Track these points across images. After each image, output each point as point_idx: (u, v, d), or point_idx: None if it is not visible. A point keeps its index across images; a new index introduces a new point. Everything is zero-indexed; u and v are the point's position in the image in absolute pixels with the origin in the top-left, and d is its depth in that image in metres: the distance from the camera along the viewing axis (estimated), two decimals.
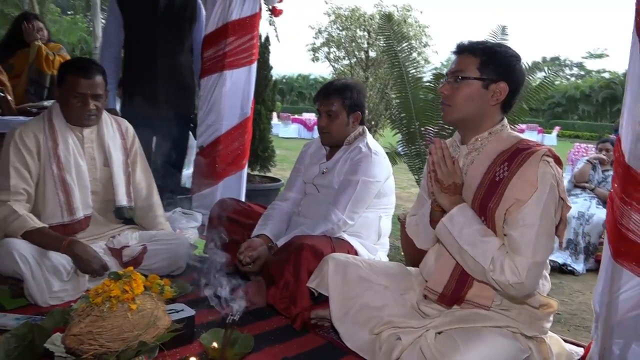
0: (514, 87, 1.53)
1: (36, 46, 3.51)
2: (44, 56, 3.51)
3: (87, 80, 2.11)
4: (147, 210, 2.45)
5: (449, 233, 1.51)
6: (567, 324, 2.71)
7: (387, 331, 1.61)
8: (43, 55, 3.51)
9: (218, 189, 3.23)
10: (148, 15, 3.06)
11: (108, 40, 3.19)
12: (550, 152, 1.47)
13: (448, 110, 1.58)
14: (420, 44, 8.97)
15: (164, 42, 3.10)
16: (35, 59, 3.51)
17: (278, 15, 3.40)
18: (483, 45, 1.55)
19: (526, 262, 1.39)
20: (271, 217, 2.29)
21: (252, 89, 3.34)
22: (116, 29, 3.11)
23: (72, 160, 2.15)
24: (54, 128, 2.14)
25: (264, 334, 1.85)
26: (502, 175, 1.47)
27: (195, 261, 2.53)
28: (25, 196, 2.06)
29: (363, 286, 1.76)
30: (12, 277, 1.96)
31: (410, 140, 3.68)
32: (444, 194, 1.53)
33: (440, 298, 1.59)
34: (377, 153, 2.20)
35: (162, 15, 3.09)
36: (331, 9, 9.63)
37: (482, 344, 1.43)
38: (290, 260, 1.92)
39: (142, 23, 3.07)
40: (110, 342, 1.25)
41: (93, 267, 2.02)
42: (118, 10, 3.08)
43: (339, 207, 2.11)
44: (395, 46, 3.64)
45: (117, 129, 2.36)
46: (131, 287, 1.31)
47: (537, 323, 1.56)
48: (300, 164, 2.46)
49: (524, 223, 1.41)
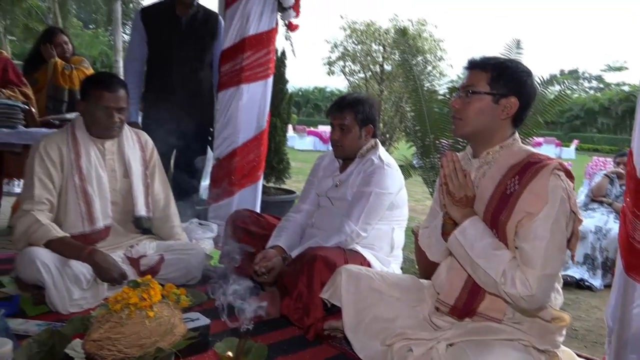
0: (524, 101, 1.55)
1: (52, 62, 3.62)
2: (60, 71, 3.62)
3: (112, 94, 2.18)
4: (165, 220, 2.51)
5: (461, 245, 1.52)
6: (584, 340, 2.68)
7: (399, 343, 1.62)
8: (59, 70, 3.62)
9: (234, 201, 3.29)
10: (171, 32, 3.15)
11: (131, 55, 3.29)
12: (561, 165, 1.49)
13: (459, 124, 1.60)
14: (435, 57, 9.01)
15: (186, 58, 3.19)
16: (52, 75, 3.62)
17: (294, 30, 3.46)
18: (494, 60, 1.58)
19: (537, 274, 1.40)
20: (285, 229, 2.33)
21: (268, 103, 3.41)
22: (140, 44, 3.21)
23: (94, 171, 2.21)
24: (77, 140, 2.21)
25: (277, 343, 1.87)
26: (513, 189, 1.49)
27: (210, 271, 2.58)
28: (48, 206, 2.12)
29: (375, 297, 1.78)
30: (34, 284, 2.02)
31: (425, 152, 3.71)
32: (455, 207, 1.54)
33: (452, 310, 1.60)
34: (389, 165, 2.23)
35: (185, 31, 3.17)
36: (347, 23, 9.75)
37: (493, 357, 1.43)
38: (303, 271, 1.95)
39: (165, 39, 3.15)
40: (129, 348, 1.29)
41: (112, 275, 2.07)
42: (142, 26, 3.18)
43: (352, 219, 2.14)
44: (410, 60, 3.69)
45: (137, 141, 2.43)
46: (149, 295, 1.35)
47: (549, 336, 1.56)
48: (314, 176, 2.50)
49: (535, 236, 1.42)
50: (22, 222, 2.05)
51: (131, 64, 3.27)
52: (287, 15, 3.35)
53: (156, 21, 3.17)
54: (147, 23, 3.18)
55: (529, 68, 1.61)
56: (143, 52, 3.22)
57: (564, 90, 3.53)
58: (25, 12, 15.38)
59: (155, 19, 3.17)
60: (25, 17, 15.16)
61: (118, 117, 2.22)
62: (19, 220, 2.06)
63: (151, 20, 3.18)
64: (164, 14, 3.17)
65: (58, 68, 3.62)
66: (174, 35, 3.15)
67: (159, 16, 3.18)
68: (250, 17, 3.20)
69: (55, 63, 3.63)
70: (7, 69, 3.34)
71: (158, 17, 3.18)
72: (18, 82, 3.35)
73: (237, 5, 3.20)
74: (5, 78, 3.32)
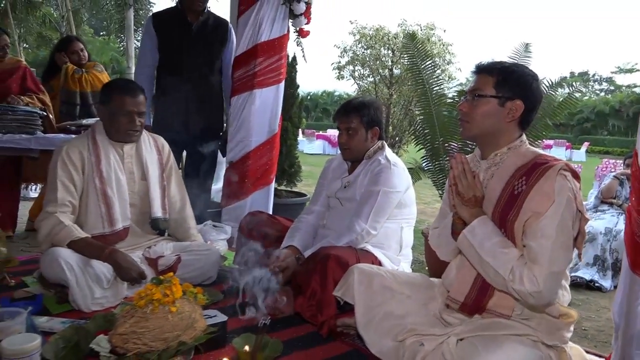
0: (530, 104, 1.60)
1: (64, 68, 3.72)
2: (70, 75, 3.71)
3: (134, 99, 2.26)
4: (181, 222, 2.58)
5: (470, 244, 1.57)
6: (593, 340, 2.71)
7: (410, 338, 1.66)
8: (69, 74, 3.71)
9: (247, 203, 3.35)
10: (182, 38, 3.22)
11: (143, 61, 3.35)
12: (568, 166, 1.53)
13: (466, 127, 1.66)
14: (444, 61, 9.06)
15: (196, 63, 3.25)
16: (64, 79, 3.72)
17: (305, 36, 3.53)
18: (500, 65, 1.63)
19: (544, 271, 1.44)
20: (298, 230, 2.39)
21: (280, 107, 3.48)
22: (151, 49, 3.27)
23: (113, 174, 2.29)
24: (97, 144, 2.29)
25: (292, 340, 1.93)
26: (520, 189, 1.53)
27: (225, 271, 2.65)
28: (70, 208, 2.20)
29: (387, 295, 1.83)
30: (57, 283, 2.10)
31: (434, 155, 3.74)
32: (464, 207, 1.59)
33: (462, 307, 1.64)
34: (396, 164, 2.29)
35: (195, 37, 3.24)
36: (356, 28, 9.83)
37: (502, 351, 1.48)
38: (317, 270, 2.01)
39: (176, 45, 3.21)
40: (153, 341, 1.35)
41: (132, 275, 2.14)
42: (153, 32, 3.24)
43: (361, 218, 2.19)
44: (419, 64, 3.72)
45: (154, 145, 2.50)
46: (171, 291, 1.41)
47: (558, 332, 1.60)
48: (324, 179, 2.56)
49: (542, 234, 1.46)
50: (46, 224, 2.13)
51: (142, 69, 3.34)
52: (298, 22, 3.42)
53: (167, 27, 3.23)
54: (159, 29, 3.24)
55: (535, 72, 1.65)
56: (154, 58, 3.27)
57: (573, 92, 3.55)
58: (39, 21, 15.63)
59: (166, 25, 3.24)
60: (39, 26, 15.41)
61: (139, 121, 2.29)
62: (42, 222, 2.14)
63: (162, 26, 3.24)
64: (175, 20, 3.23)
65: (69, 72, 3.72)
66: (185, 41, 3.21)
67: (170, 22, 3.24)
68: (263, 24, 3.27)
69: (67, 68, 3.72)
70: (26, 76, 3.45)
71: (169, 23, 3.24)
72: (36, 90, 3.46)
73: (250, 12, 3.28)
74: (24, 85, 3.43)
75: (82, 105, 3.76)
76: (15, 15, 13.55)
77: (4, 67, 3.38)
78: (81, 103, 3.76)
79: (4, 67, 3.38)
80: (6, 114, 3.03)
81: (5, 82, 3.35)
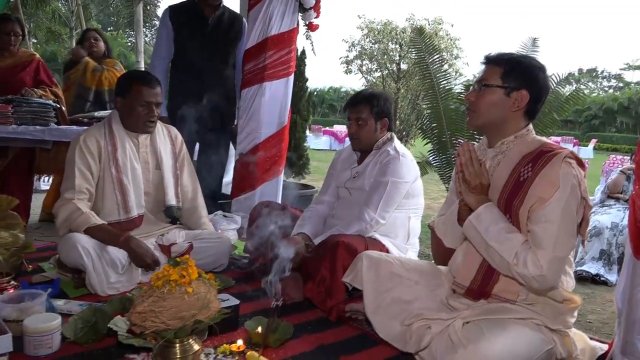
0: (535, 95, 1.63)
1: (84, 63, 3.78)
2: (90, 71, 3.78)
3: (152, 90, 2.32)
4: (193, 211, 2.63)
5: (476, 230, 1.61)
6: (598, 332, 2.73)
7: (417, 323, 1.71)
8: (88, 70, 3.78)
9: (256, 194, 3.40)
10: (197, 31, 3.26)
11: (158, 52, 3.40)
12: (573, 154, 1.57)
13: (473, 116, 1.70)
14: (452, 56, 9.07)
15: (212, 57, 3.30)
16: (82, 74, 3.78)
17: (314, 30, 3.57)
18: (508, 56, 1.67)
19: (548, 256, 1.48)
20: (309, 218, 2.44)
21: (289, 100, 3.52)
22: (167, 42, 3.32)
23: (129, 163, 2.34)
24: (114, 134, 2.35)
25: (301, 324, 1.98)
26: (526, 176, 1.57)
27: (235, 260, 2.71)
28: (87, 195, 2.26)
29: (395, 281, 1.88)
30: (75, 268, 2.16)
31: (441, 149, 3.77)
32: (471, 194, 1.63)
33: (468, 292, 1.69)
34: (404, 155, 2.33)
35: (211, 32, 3.29)
36: (364, 23, 9.85)
37: (507, 333, 1.53)
38: (326, 256, 2.06)
39: (192, 38, 3.26)
40: (170, 320, 1.40)
41: (146, 261, 2.20)
42: (170, 24, 3.29)
43: (370, 207, 2.24)
44: (427, 58, 3.74)
45: (168, 135, 2.56)
46: (188, 272, 1.46)
47: (561, 317, 1.64)
48: (333, 169, 2.61)
49: (546, 219, 1.50)
50: (64, 210, 2.19)
51: (158, 61, 3.38)
52: (307, 16, 3.45)
53: (183, 20, 3.28)
54: (175, 21, 3.28)
55: (542, 63, 1.69)
56: (170, 50, 3.32)
57: (579, 87, 3.57)
58: (48, 16, 15.74)
59: (182, 18, 3.28)
60: (49, 21, 15.51)
61: (156, 112, 2.35)
62: (60, 208, 2.20)
63: (179, 19, 3.28)
64: (191, 14, 3.28)
65: (88, 68, 3.78)
66: (201, 35, 3.26)
67: (187, 15, 3.29)
68: (273, 18, 3.31)
69: (87, 63, 3.79)
70: (39, 70, 3.51)
71: (185, 16, 3.28)
72: (49, 83, 3.52)
73: (260, 6, 3.31)
74: (38, 78, 3.49)
75: (94, 102, 3.82)
76: (25, 10, 13.66)
77: (18, 61, 3.44)
78: (94, 100, 3.83)
79: (18, 61, 3.44)
80: (21, 106, 3.10)
81: (19, 75, 3.41)
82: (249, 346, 1.72)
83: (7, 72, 3.36)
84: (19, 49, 3.47)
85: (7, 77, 3.34)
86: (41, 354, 1.59)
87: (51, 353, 1.60)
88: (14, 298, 1.78)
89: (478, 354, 1.47)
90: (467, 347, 1.50)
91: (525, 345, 1.54)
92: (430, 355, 1.61)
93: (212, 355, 1.68)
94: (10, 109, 3.06)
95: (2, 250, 2.15)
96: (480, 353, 1.47)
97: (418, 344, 1.65)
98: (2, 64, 3.36)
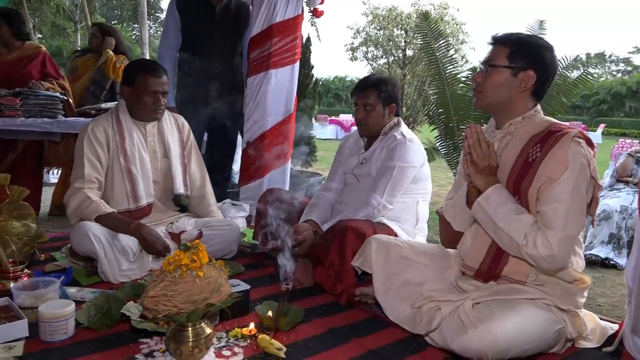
0: (542, 75, 1.62)
1: (108, 53, 3.85)
2: (113, 62, 3.84)
3: (159, 79, 2.33)
4: (201, 199, 2.64)
5: (485, 212, 1.61)
6: (608, 315, 2.73)
7: (427, 305, 1.72)
8: (112, 61, 3.84)
9: (264, 182, 3.41)
10: (205, 20, 3.26)
11: (167, 43, 3.39)
12: (582, 133, 1.56)
13: (479, 97, 1.69)
14: (458, 41, 8.99)
15: (219, 46, 3.30)
16: (104, 63, 3.84)
17: (319, 16, 3.55)
18: (515, 36, 1.65)
19: (558, 235, 1.48)
20: (317, 205, 2.45)
21: (295, 87, 3.51)
22: (175, 32, 3.32)
23: (137, 152, 2.35)
24: (121, 123, 2.36)
25: (312, 308, 1.99)
26: (535, 156, 1.57)
27: (244, 247, 2.72)
28: (97, 184, 2.28)
29: (404, 264, 1.89)
30: (86, 256, 2.19)
31: (448, 135, 3.75)
32: (479, 176, 1.63)
33: (477, 274, 1.69)
34: (411, 140, 2.32)
35: (218, 20, 3.28)
36: (369, 9, 9.77)
37: (517, 313, 1.53)
38: (335, 241, 2.07)
39: (199, 27, 3.26)
40: (182, 303, 1.42)
41: (157, 247, 2.22)
42: (177, 14, 3.28)
43: (378, 192, 2.24)
44: (433, 44, 3.71)
45: (175, 124, 2.57)
46: (198, 257, 1.48)
47: (571, 297, 1.64)
48: (340, 155, 2.60)
49: (556, 199, 1.50)
50: (75, 199, 2.21)
51: (166, 51, 3.38)
52: (312, 2, 3.44)
53: (191, 9, 3.27)
54: (182, 11, 3.28)
55: (549, 43, 1.67)
56: (178, 40, 3.32)
57: (587, 69, 3.53)
58: (53, 10, 15.76)
59: (190, 7, 3.28)
60: (53, 15, 15.53)
61: (163, 101, 2.36)
62: (71, 197, 2.22)
63: (186, 8, 3.28)
64: (199, 3, 3.27)
65: (112, 59, 3.85)
66: (208, 24, 3.25)
67: (194, 5, 3.28)
68: (278, 5, 3.29)
69: (111, 55, 3.86)
70: (46, 62, 3.50)
71: (193, 5, 3.28)
72: (56, 75, 3.52)
73: None
74: (44, 71, 3.49)
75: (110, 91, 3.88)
76: (29, 4, 13.69)
77: (24, 53, 3.44)
78: (110, 89, 3.88)
79: (24, 53, 3.44)
80: (29, 99, 3.11)
81: (26, 68, 3.41)
82: (261, 330, 1.74)
83: (13, 65, 3.36)
84: (24, 43, 3.46)
85: (14, 71, 3.35)
86: (56, 339, 1.61)
87: (66, 338, 1.63)
88: (28, 286, 1.81)
89: (488, 333, 1.48)
90: (477, 327, 1.50)
91: (536, 325, 1.54)
92: (441, 336, 1.62)
93: (224, 339, 1.70)
94: (19, 102, 3.08)
95: (15, 240, 2.17)
96: (490, 333, 1.48)
97: (428, 326, 1.66)
98: (8, 57, 3.36)
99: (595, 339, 1.77)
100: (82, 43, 14.96)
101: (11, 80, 3.26)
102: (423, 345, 1.71)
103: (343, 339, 1.74)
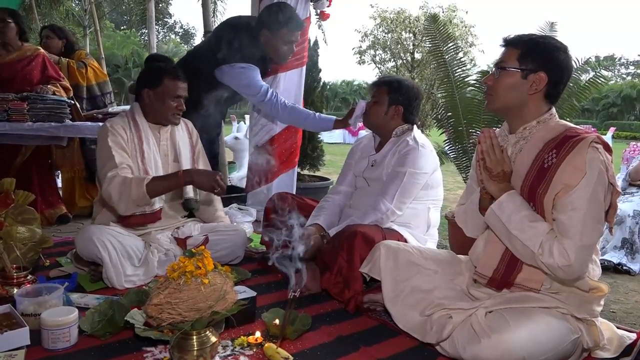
0: (554, 77, 1.56)
1: (64, 62, 3.74)
2: (75, 69, 3.76)
3: (183, 84, 2.34)
4: (208, 204, 2.61)
5: (498, 219, 1.56)
6: (622, 322, 2.67)
7: (438, 312, 1.67)
8: (75, 69, 3.76)
9: (272, 187, 3.38)
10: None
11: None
12: (599, 138, 1.51)
13: (490, 100, 1.65)
14: (466, 43, 8.94)
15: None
16: (69, 75, 3.72)
17: (326, 19, 3.53)
18: (526, 37, 1.61)
19: (575, 245, 1.43)
20: (324, 209, 2.41)
21: (302, 90, 3.49)
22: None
23: (152, 156, 2.33)
24: (139, 126, 2.32)
25: (319, 315, 1.95)
26: (550, 162, 1.52)
27: (251, 252, 2.69)
28: (129, 170, 2.21)
29: (413, 270, 1.84)
30: (92, 261, 2.16)
31: (457, 139, 3.70)
32: (492, 182, 1.58)
33: (490, 282, 1.64)
34: (424, 146, 2.28)
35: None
36: (377, 12, 9.75)
37: (531, 323, 1.49)
38: (343, 247, 2.02)
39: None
40: (187, 311, 1.38)
41: (212, 183, 2.16)
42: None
43: (387, 198, 2.20)
44: (441, 47, 3.66)
45: (185, 129, 2.54)
46: (203, 263, 1.44)
47: (587, 306, 1.59)
48: (351, 158, 2.57)
49: (573, 207, 1.45)
50: (113, 186, 2.12)
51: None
52: (320, 5, 3.42)
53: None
54: None
55: (563, 44, 1.61)
56: None
57: (599, 71, 3.47)
58: (62, 15, 15.89)
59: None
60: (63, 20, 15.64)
61: (183, 105, 2.36)
62: (109, 187, 2.13)
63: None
64: None
65: (73, 67, 3.75)
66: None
67: None
68: None
69: (68, 62, 3.75)
70: (46, 64, 3.45)
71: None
72: (57, 77, 3.48)
73: None
74: (46, 73, 3.45)
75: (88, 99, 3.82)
76: (39, 10, 13.81)
77: (22, 55, 3.38)
78: (87, 96, 3.81)
79: (23, 55, 3.39)
80: (36, 103, 3.11)
81: (26, 70, 3.37)
82: (267, 338, 1.70)
83: (13, 66, 3.33)
84: (23, 44, 3.44)
85: (14, 72, 3.32)
86: (59, 348, 1.58)
87: (69, 346, 1.60)
88: (31, 292, 1.79)
89: (502, 343, 1.44)
90: (490, 336, 1.46)
91: (551, 335, 1.49)
92: (452, 345, 1.57)
93: (230, 347, 1.66)
94: (26, 106, 3.08)
95: (20, 245, 2.15)
96: (504, 343, 1.44)
97: (439, 334, 1.61)
98: (7, 58, 3.33)
99: (612, 348, 1.71)
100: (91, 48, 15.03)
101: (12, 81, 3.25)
102: (434, 355, 1.67)
103: (351, 348, 1.70)
